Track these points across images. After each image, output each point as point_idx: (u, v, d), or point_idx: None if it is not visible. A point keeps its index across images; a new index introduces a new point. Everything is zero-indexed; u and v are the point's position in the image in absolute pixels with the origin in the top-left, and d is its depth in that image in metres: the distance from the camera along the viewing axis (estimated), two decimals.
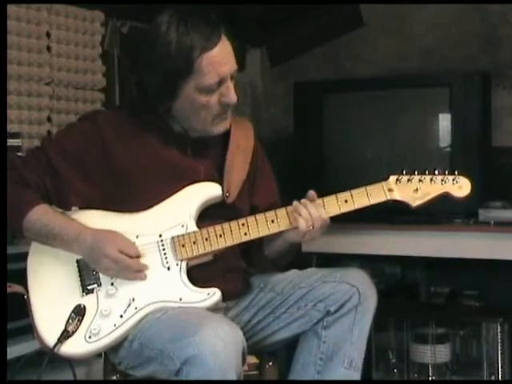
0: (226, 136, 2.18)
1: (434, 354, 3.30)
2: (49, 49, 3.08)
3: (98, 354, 2.09)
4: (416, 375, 3.36)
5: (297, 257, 2.27)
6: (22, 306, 2.59)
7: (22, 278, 2.53)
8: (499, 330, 3.23)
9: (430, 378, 3.32)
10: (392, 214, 3.12)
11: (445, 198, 2.13)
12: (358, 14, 3.83)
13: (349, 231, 3.27)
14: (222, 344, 1.81)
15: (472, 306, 3.44)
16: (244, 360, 1.90)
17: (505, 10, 3.53)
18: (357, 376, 2.11)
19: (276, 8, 3.54)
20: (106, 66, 3.31)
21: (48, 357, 2.02)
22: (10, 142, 2.64)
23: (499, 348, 3.22)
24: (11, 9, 2.87)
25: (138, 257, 2.04)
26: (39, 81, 3.05)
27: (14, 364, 2.36)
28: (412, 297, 3.57)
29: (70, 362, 2.24)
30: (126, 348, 2.03)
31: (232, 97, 2.06)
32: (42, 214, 2.05)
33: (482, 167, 3.23)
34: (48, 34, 3.08)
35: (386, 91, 3.40)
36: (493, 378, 3.24)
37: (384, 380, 3.43)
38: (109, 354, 2.12)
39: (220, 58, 2.01)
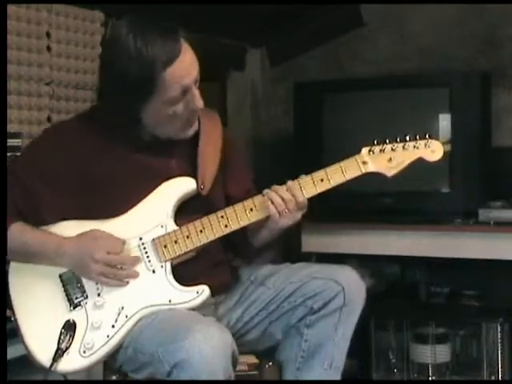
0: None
1: (434, 353, 3.30)
2: (49, 49, 3.08)
3: None
4: (416, 375, 3.37)
5: (296, 257, 2.26)
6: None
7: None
8: (499, 330, 3.23)
9: (430, 378, 3.33)
10: (392, 214, 3.12)
11: (445, 197, 2.13)
12: (358, 14, 3.83)
13: (349, 231, 3.27)
14: (210, 348, 1.81)
15: (472, 306, 3.43)
16: (234, 363, 1.90)
17: (505, 10, 3.53)
18: (336, 376, 2.11)
19: (276, 8, 3.54)
20: None
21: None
22: (10, 142, 2.64)
23: (499, 348, 3.23)
24: (11, 9, 2.87)
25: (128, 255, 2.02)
26: (39, 81, 3.04)
27: (14, 364, 2.35)
28: (412, 297, 3.57)
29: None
30: (122, 355, 2.02)
31: (198, 103, 2.02)
32: (18, 232, 2.02)
33: (482, 167, 3.23)
34: (48, 34, 3.07)
35: (386, 91, 3.40)
36: (493, 377, 3.24)
37: (384, 380, 3.43)
38: (108, 360, 2.10)
39: (182, 69, 1.97)
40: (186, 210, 2.08)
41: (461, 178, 3.21)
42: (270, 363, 2.19)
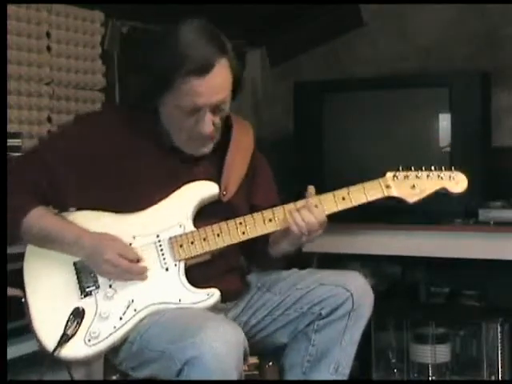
0: (227, 135, 2.17)
1: (434, 353, 3.30)
2: (49, 49, 3.08)
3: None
4: (416, 375, 3.37)
5: (297, 257, 2.26)
6: (22, 306, 2.60)
7: (21, 277, 2.53)
8: (499, 330, 3.23)
9: (430, 378, 3.32)
10: (392, 214, 3.12)
11: (444, 197, 2.13)
12: (358, 14, 3.83)
13: (349, 231, 3.27)
14: (223, 345, 1.81)
15: (472, 306, 3.43)
16: (245, 360, 1.91)
17: (505, 10, 3.53)
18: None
19: (276, 8, 3.54)
20: (105, 65, 3.31)
21: (46, 362, 2.01)
22: (10, 141, 2.64)
23: (499, 348, 3.22)
24: (11, 9, 2.87)
25: (138, 260, 2.04)
26: (39, 81, 3.04)
27: (14, 364, 2.35)
28: (412, 297, 3.57)
29: (67, 364, 2.22)
30: (126, 350, 2.03)
31: (204, 129, 2.03)
32: (39, 217, 2.05)
33: (482, 167, 3.22)
34: (48, 34, 3.07)
35: (385, 91, 3.40)
36: (493, 377, 3.24)
37: (384, 380, 3.43)
38: (109, 356, 2.11)
39: (201, 89, 1.97)
40: (206, 214, 2.10)
41: None
42: (270, 363, 2.19)
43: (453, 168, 2.11)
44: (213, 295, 2.02)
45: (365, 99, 3.43)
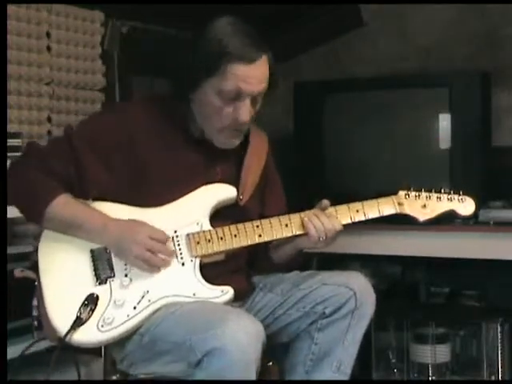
0: (245, 141, 2.20)
1: (434, 353, 3.30)
2: (49, 49, 3.08)
3: (97, 354, 2.09)
4: (416, 375, 3.37)
5: (296, 262, 2.28)
6: (22, 306, 2.60)
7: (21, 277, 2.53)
8: (499, 330, 3.23)
9: (430, 378, 3.32)
10: (392, 214, 3.11)
11: None
12: (358, 14, 3.83)
13: (349, 231, 3.26)
14: (245, 336, 1.83)
15: (472, 306, 3.43)
16: (263, 352, 1.92)
17: (505, 10, 3.53)
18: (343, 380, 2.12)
19: (276, 8, 3.54)
20: (105, 65, 3.31)
21: (52, 362, 2.00)
22: (10, 141, 2.65)
23: (499, 348, 3.22)
24: (11, 9, 2.87)
25: (167, 241, 2.06)
26: (39, 81, 3.05)
27: (14, 364, 2.35)
28: (412, 297, 3.57)
29: (76, 360, 2.23)
30: (135, 342, 2.04)
31: (243, 116, 2.06)
32: (65, 203, 2.06)
33: (482, 167, 3.22)
34: (48, 34, 3.08)
35: (386, 91, 3.40)
36: (493, 377, 3.24)
37: (384, 380, 3.43)
38: (113, 350, 2.13)
39: (247, 75, 2.02)
40: (221, 217, 2.13)
41: (461, 177, 3.21)
42: (270, 363, 2.20)
43: (461, 192, 2.24)
44: (227, 292, 2.04)
45: (365, 99, 3.43)
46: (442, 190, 2.22)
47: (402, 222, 3.19)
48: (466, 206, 2.23)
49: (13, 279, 2.57)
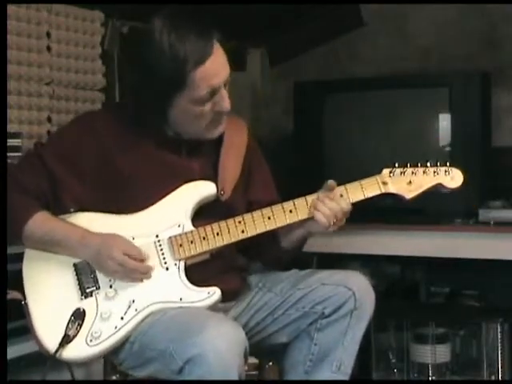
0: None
1: (434, 353, 3.30)
2: (49, 49, 3.08)
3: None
4: (416, 375, 3.36)
5: (296, 257, 2.27)
6: (22, 306, 2.59)
7: (21, 278, 2.52)
8: (499, 330, 3.23)
9: (430, 378, 3.32)
10: (392, 214, 3.11)
11: (444, 197, 2.13)
12: (358, 14, 3.83)
13: (349, 231, 3.26)
14: (224, 344, 1.81)
15: (472, 306, 3.43)
16: (246, 360, 1.91)
17: (505, 10, 3.53)
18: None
19: (276, 8, 3.54)
20: (105, 65, 3.31)
21: (49, 361, 2.01)
22: (10, 141, 2.65)
23: (499, 348, 3.22)
24: (11, 9, 2.87)
25: (143, 260, 2.04)
26: (39, 81, 3.05)
27: (14, 364, 2.36)
28: (412, 297, 3.57)
29: (68, 363, 2.22)
30: (126, 350, 2.03)
31: (225, 105, 2.04)
32: (42, 221, 2.05)
33: (482, 167, 3.22)
34: (48, 34, 3.07)
35: (386, 91, 3.40)
36: (493, 377, 3.24)
37: (384, 380, 3.43)
38: (109, 356, 2.11)
39: (212, 69, 1.99)
40: (205, 214, 2.10)
41: None
42: (270, 363, 2.20)
43: (448, 163, 2.11)
44: (214, 294, 2.02)
45: (365, 99, 3.43)
46: (428, 164, 2.09)
47: (402, 221, 3.22)
48: (453, 178, 2.09)
49: (17, 275, 2.58)
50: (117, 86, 3.37)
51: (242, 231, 2.06)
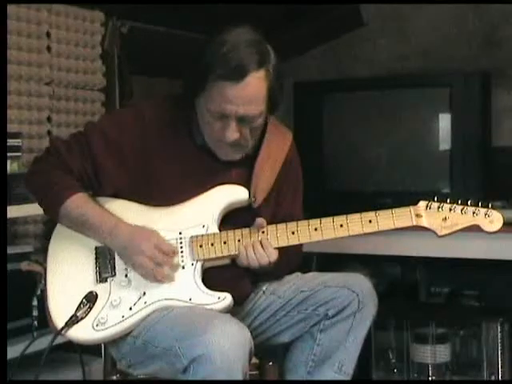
0: (259, 143, 2.16)
1: (434, 354, 3.30)
2: (49, 49, 3.08)
3: (97, 354, 2.09)
4: (416, 375, 3.36)
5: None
6: (22, 306, 2.60)
7: (21, 278, 2.54)
8: (499, 330, 3.23)
9: (430, 378, 3.32)
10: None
11: (445, 197, 2.13)
12: (358, 14, 3.83)
13: None
14: (229, 344, 1.82)
15: (472, 306, 3.44)
16: (250, 359, 1.91)
17: (505, 10, 3.53)
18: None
19: (276, 8, 3.54)
20: (105, 65, 3.31)
21: (46, 355, 2.02)
22: (10, 141, 2.65)
23: (499, 348, 3.22)
24: (11, 9, 2.87)
25: (174, 254, 2.05)
26: (39, 81, 3.04)
27: (14, 364, 2.35)
28: (412, 297, 3.57)
29: (81, 359, 2.24)
30: (129, 344, 2.04)
31: (226, 136, 2.02)
32: (80, 203, 2.07)
33: (482, 167, 3.23)
34: (48, 34, 3.07)
35: (386, 91, 3.40)
36: (493, 377, 3.24)
37: (384, 380, 3.43)
38: (111, 349, 2.13)
39: (230, 96, 1.96)
40: (233, 220, 2.10)
41: (461, 178, 3.21)
42: (270, 363, 2.20)
43: (490, 205, 2.03)
44: (224, 299, 2.02)
45: (365, 99, 3.43)
46: (469, 202, 2.01)
47: None
48: (492, 222, 2.02)
49: (17, 275, 2.59)
50: (117, 85, 3.37)
51: None
